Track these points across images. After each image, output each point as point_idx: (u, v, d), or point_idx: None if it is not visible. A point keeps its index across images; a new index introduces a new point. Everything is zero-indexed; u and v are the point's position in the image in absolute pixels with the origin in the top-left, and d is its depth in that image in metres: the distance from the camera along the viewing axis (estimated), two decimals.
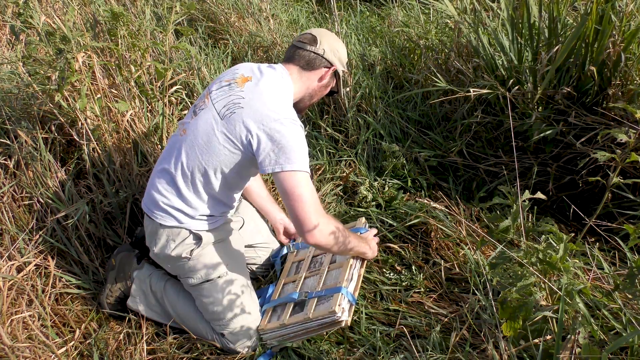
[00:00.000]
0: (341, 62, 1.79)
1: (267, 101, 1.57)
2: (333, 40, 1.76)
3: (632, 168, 2.08)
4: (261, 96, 1.58)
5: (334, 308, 1.60)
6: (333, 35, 1.79)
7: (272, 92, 1.60)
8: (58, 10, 2.68)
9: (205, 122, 1.62)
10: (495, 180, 2.40)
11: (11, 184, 2.04)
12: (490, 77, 2.35)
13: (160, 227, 1.69)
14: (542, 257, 1.33)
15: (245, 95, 1.59)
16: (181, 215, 1.67)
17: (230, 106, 1.59)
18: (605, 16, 2.02)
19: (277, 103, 1.58)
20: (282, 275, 1.92)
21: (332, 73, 1.77)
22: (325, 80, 1.77)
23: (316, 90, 1.79)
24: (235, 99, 1.59)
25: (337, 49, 1.76)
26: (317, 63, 1.73)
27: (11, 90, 2.43)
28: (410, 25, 3.35)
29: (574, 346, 1.22)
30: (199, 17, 3.98)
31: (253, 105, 1.56)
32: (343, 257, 1.85)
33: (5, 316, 1.62)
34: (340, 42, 1.80)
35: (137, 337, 1.72)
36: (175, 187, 1.66)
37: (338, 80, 1.83)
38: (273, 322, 1.70)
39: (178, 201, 1.66)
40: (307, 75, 1.73)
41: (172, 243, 1.68)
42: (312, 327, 1.65)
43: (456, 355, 1.54)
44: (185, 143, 1.64)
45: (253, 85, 1.61)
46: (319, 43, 1.72)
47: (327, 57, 1.73)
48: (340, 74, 1.82)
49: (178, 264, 1.71)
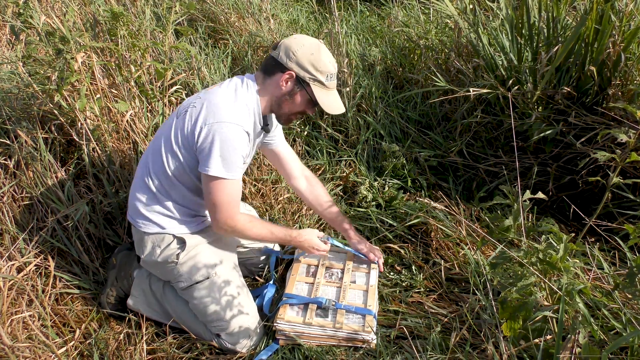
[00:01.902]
0: (315, 67, 1.58)
1: (216, 103, 1.58)
2: (305, 45, 1.59)
3: (632, 168, 2.08)
4: (214, 98, 1.60)
5: (369, 329, 1.65)
6: (310, 41, 1.61)
7: (223, 97, 1.60)
8: (58, 10, 2.68)
9: (166, 124, 1.70)
10: (495, 180, 2.40)
11: (11, 184, 2.04)
12: (490, 77, 2.35)
13: (144, 235, 1.71)
14: (543, 257, 1.33)
15: (202, 97, 1.63)
16: (162, 220, 1.70)
17: (186, 106, 1.65)
18: (605, 16, 2.02)
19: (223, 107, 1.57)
20: (293, 271, 1.91)
21: (294, 80, 1.61)
22: (287, 87, 1.62)
23: (280, 99, 1.65)
24: (193, 100, 1.65)
25: (308, 53, 1.58)
26: (273, 68, 1.63)
27: (11, 90, 2.43)
28: (410, 25, 3.35)
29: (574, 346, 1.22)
30: (199, 17, 3.97)
31: (204, 104, 1.59)
32: (364, 279, 1.89)
33: (5, 316, 1.62)
34: (319, 49, 1.61)
35: (137, 337, 1.72)
36: (150, 193, 1.69)
37: (307, 88, 1.61)
38: (295, 317, 1.71)
39: (156, 206, 1.69)
40: (268, 81, 1.65)
41: (157, 249, 1.70)
42: (339, 336, 1.66)
43: (456, 355, 1.54)
44: (151, 148, 1.71)
45: (214, 90, 1.65)
46: (278, 47, 1.61)
47: (281, 61, 1.60)
48: (309, 81, 1.60)
49: (166, 269, 1.72)
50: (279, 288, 1.95)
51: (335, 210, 1.99)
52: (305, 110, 1.69)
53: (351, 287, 1.84)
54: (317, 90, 1.62)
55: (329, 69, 1.62)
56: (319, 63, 1.59)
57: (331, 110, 1.66)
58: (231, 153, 1.54)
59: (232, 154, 1.55)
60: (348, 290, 1.81)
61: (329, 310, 1.73)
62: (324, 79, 1.61)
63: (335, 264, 1.96)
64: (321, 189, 2.01)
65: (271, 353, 1.67)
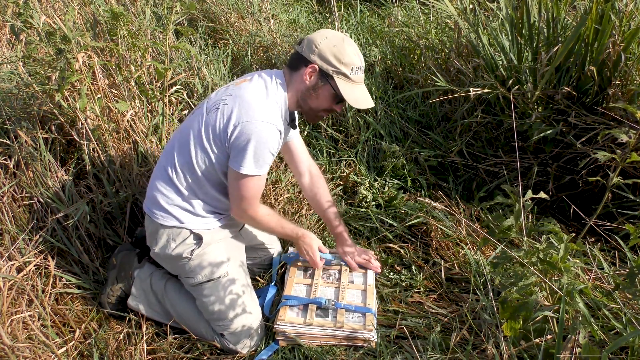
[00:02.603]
0: (338, 60, 1.55)
1: (249, 100, 1.57)
2: (328, 38, 1.57)
3: (632, 168, 2.09)
4: (246, 94, 1.59)
5: (370, 327, 1.66)
6: (334, 34, 1.59)
7: (255, 93, 1.59)
8: (58, 10, 2.68)
9: (195, 118, 1.67)
10: (495, 180, 2.40)
11: (11, 184, 2.04)
12: (490, 77, 2.35)
13: (160, 227, 1.70)
14: (543, 257, 1.33)
15: (232, 93, 1.61)
16: (182, 214, 1.68)
17: (216, 102, 1.63)
18: (605, 16, 2.02)
19: (256, 105, 1.56)
20: (291, 274, 1.92)
21: (318, 74, 1.58)
22: (311, 81, 1.60)
23: (305, 93, 1.63)
24: (223, 96, 1.63)
25: (331, 45, 1.55)
26: (297, 62, 1.61)
27: (11, 90, 2.43)
28: (410, 25, 3.35)
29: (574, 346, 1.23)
30: (199, 17, 3.97)
31: (237, 102, 1.57)
32: (362, 279, 1.90)
33: (5, 316, 1.62)
34: (344, 41, 1.57)
35: (137, 337, 1.72)
36: (174, 186, 1.68)
37: (331, 81, 1.58)
38: (295, 318, 1.71)
39: (178, 200, 1.68)
40: (294, 76, 1.63)
41: (172, 243, 1.69)
42: (339, 335, 1.67)
43: (456, 355, 1.54)
44: (178, 141, 1.69)
45: (245, 86, 1.62)
46: (303, 41, 1.60)
47: (304, 54, 1.58)
48: (332, 74, 1.57)
49: (179, 263, 1.71)
50: (279, 289, 1.95)
51: (333, 211, 1.97)
52: (332, 107, 1.65)
53: (349, 287, 1.84)
54: (341, 84, 1.58)
55: (354, 61, 1.57)
56: (343, 55, 1.55)
57: (358, 104, 1.61)
58: (264, 152, 1.55)
59: (265, 152, 1.55)
60: (346, 290, 1.82)
61: (329, 310, 1.74)
62: (348, 71, 1.57)
63: (333, 264, 1.96)
64: (322, 188, 2.00)
65: (271, 353, 1.68)
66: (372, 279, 1.89)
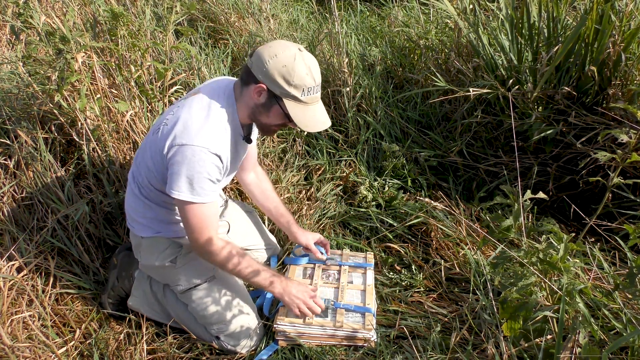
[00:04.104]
0: (287, 81, 1.42)
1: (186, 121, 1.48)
2: (278, 56, 1.42)
3: (632, 168, 2.09)
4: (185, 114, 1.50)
5: (370, 326, 1.66)
6: (285, 50, 1.43)
7: (194, 113, 1.50)
8: (58, 10, 2.68)
9: (148, 137, 1.65)
10: (495, 180, 2.40)
11: (11, 184, 2.04)
12: (490, 77, 2.35)
13: (141, 239, 1.72)
14: (543, 257, 1.33)
15: (175, 111, 1.54)
16: (155, 224, 1.70)
17: (160, 121, 1.58)
18: (605, 16, 2.02)
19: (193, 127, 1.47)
20: (290, 273, 1.92)
21: (267, 93, 1.46)
22: (259, 99, 1.48)
23: (255, 110, 1.53)
24: (168, 114, 1.57)
25: (280, 65, 1.41)
26: (247, 77, 1.49)
27: (11, 90, 2.43)
28: (410, 25, 3.35)
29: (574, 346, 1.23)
30: (199, 17, 3.97)
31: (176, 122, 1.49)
32: (361, 279, 1.90)
33: (5, 316, 1.62)
34: (294, 59, 1.42)
35: (137, 337, 1.72)
36: (139, 201, 1.68)
37: (280, 103, 1.46)
38: (295, 318, 1.71)
39: (147, 212, 1.69)
40: (244, 91, 1.51)
41: (155, 253, 1.70)
42: (339, 335, 1.67)
43: (456, 355, 1.54)
44: (139, 155, 1.68)
45: (189, 102, 1.54)
46: (254, 55, 1.46)
47: (253, 72, 1.45)
48: (281, 96, 1.45)
49: (164, 272, 1.72)
50: None
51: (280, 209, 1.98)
52: (285, 123, 1.54)
53: (349, 287, 1.84)
54: (291, 106, 1.46)
55: (305, 82, 1.43)
56: (292, 77, 1.42)
57: (308, 128, 1.49)
58: (199, 178, 1.45)
59: (200, 178, 1.45)
60: (346, 291, 1.82)
61: (328, 310, 1.74)
62: (298, 94, 1.44)
63: (332, 265, 1.96)
64: (267, 184, 2.00)
65: (271, 353, 1.68)
66: (372, 279, 1.89)
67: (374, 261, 2.03)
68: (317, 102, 1.52)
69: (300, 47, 1.47)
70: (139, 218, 1.70)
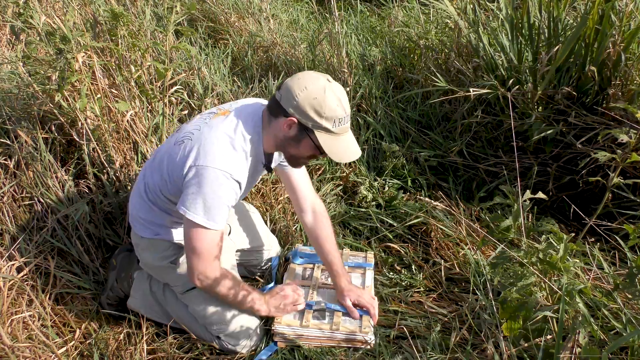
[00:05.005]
0: (318, 113, 1.41)
1: (211, 142, 1.47)
2: (308, 89, 1.41)
3: (632, 168, 2.09)
4: (210, 135, 1.49)
5: (367, 329, 1.66)
6: (315, 82, 1.42)
7: (219, 135, 1.48)
8: (58, 10, 2.68)
9: (168, 143, 1.62)
10: (495, 180, 2.40)
11: (11, 184, 2.04)
12: (490, 77, 2.35)
13: (141, 239, 1.71)
14: (543, 257, 1.34)
15: (201, 127, 1.53)
16: (155, 227, 1.69)
17: (186, 134, 1.55)
18: (605, 16, 2.02)
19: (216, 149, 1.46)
20: (289, 274, 1.92)
21: (297, 126, 1.45)
22: (290, 132, 1.47)
23: (284, 142, 1.51)
24: (194, 128, 1.55)
25: (311, 97, 1.40)
26: (276, 110, 1.47)
27: (11, 90, 2.43)
28: (410, 25, 3.36)
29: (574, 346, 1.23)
30: (199, 17, 3.98)
31: (200, 141, 1.49)
32: (360, 280, 1.89)
33: (5, 316, 1.62)
34: (325, 91, 1.41)
35: (137, 337, 1.72)
36: (144, 202, 1.67)
37: (312, 135, 1.45)
38: (292, 320, 1.71)
39: (149, 215, 1.68)
40: (273, 122, 1.50)
41: (155, 253, 1.70)
42: (337, 337, 1.67)
43: (456, 355, 1.54)
44: (155, 160, 1.65)
45: (217, 122, 1.53)
46: (283, 87, 1.45)
47: (283, 105, 1.44)
48: (312, 128, 1.43)
49: (164, 272, 1.73)
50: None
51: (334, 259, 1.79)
52: (315, 155, 1.53)
53: None
54: (322, 138, 1.45)
55: (337, 113, 1.43)
56: (324, 109, 1.41)
57: (340, 159, 1.50)
58: (217, 203, 1.44)
59: (217, 203, 1.44)
60: None
61: (326, 312, 1.74)
62: (329, 125, 1.43)
63: None
64: (325, 229, 1.83)
65: (271, 353, 1.68)
66: (371, 280, 1.89)
67: (374, 261, 2.03)
68: (346, 132, 1.51)
69: (328, 77, 1.46)
70: (140, 218, 1.70)
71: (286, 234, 2.23)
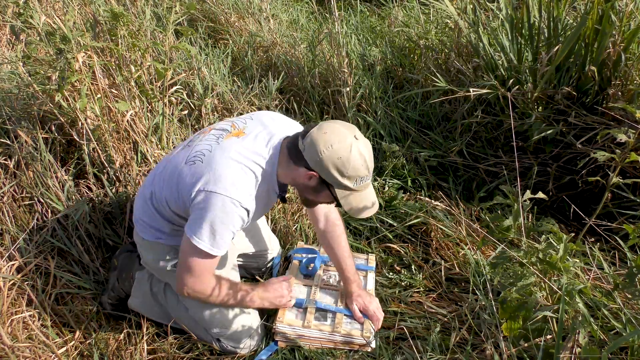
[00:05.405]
0: (341, 173, 1.38)
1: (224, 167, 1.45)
2: (333, 147, 1.37)
3: (631, 168, 2.09)
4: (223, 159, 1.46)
5: (368, 334, 1.66)
6: (341, 141, 1.38)
7: (229, 161, 1.46)
8: (58, 10, 2.68)
9: (179, 157, 1.58)
10: (495, 180, 2.40)
11: (11, 184, 2.04)
12: (490, 77, 2.35)
13: (142, 240, 1.72)
14: (543, 257, 1.34)
15: (213, 148, 1.50)
16: (156, 232, 1.69)
17: (197, 154, 1.52)
18: (605, 16, 2.02)
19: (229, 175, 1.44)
20: (291, 272, 1.92)
21: (318, 179, 1.43)
22: (309, 182, 1.46)
23: (302, 187, 1.51)
24: (205, 147, 1.52)
25: (335, 156, 1.37)
26: (297, 158, 1.44)
27: (11, 90, 2.43)
28: (410, 25, 3.36)
29: (574, 346, 1.23)
30: (199, 17, 3.97)
31: (212, 164, 1.46)
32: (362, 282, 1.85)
33: (5, 316, 1.62)
34: (350, 150, 1.37)
35: (137, 337, 1.72)
36: (148, 207, 1.67)
37: (331, 189, 1.44)
38: (294, 320, 1.71)
39: (152, 220, 1.68)
40: (293, 167, 1.47)
41: (156, 255, 1.71)
42: (336, 340, 1.67)
43: (456, 355, 1.54)
44: (165, 169, 1.62)
45: (229, 144, 1.50)
46: (306, 137, 1.41)
47: (306, 158, 1.41)
48: (333, 184, 1.42)
49: (166, 274, 1.73)
50: None
51: (345, 265, 1.79)
52: (331, 203, 1.54)
53: None
54: (341, 194, 1.44)
55: (359, 173, 1.40)
56: (347, 168, 1.38)
57: (358, 215, 1.49)
58: (223, 229, 1.43)
59: (224, 230, 1.44)
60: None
61: (328, 314, 1.74)
62: (351, 184, 1.42)
63: (332, 266, 1.96)
64: (336, 237, 1.82)
65: (271, 353, 1.68)
66: (372, 284, 1.88)
67: (375, 263, 2.03)
68: (367, 187, 1.50)
69: (356, 133, 1.42)
70: (143, 221, 1.70)
71: (286, 234, 2.23)
